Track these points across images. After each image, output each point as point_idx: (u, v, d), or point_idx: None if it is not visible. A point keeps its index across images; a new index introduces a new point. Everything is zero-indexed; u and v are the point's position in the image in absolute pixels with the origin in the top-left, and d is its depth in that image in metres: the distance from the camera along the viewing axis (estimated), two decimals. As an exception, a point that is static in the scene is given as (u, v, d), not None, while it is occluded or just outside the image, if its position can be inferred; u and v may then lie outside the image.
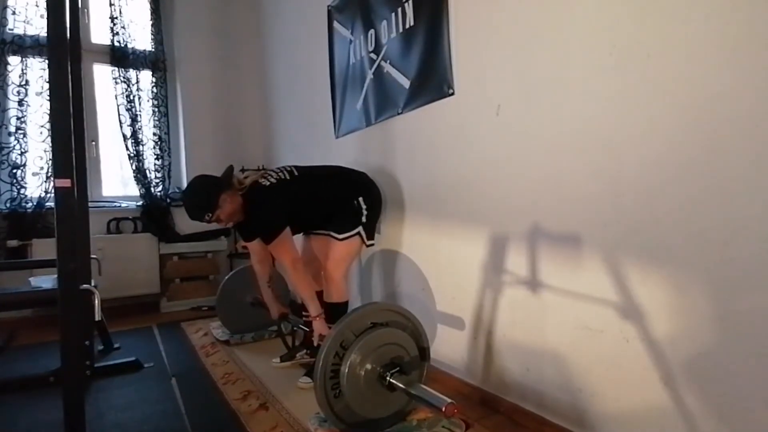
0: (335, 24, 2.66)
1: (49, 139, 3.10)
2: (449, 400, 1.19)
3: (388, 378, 1.34)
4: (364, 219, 1.97)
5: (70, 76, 1.40)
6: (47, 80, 1.37)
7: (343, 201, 2.00)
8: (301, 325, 2.04)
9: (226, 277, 2.65)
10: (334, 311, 1.93)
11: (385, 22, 2.18)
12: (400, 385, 1.32)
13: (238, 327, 2.61)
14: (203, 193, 1.87)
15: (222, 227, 2.05)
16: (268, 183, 1.93)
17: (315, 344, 1.83)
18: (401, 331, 1.43)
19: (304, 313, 2.13)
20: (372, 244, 2.04)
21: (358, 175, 2.13)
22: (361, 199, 2.00)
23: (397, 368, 1.35)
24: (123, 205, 3.53)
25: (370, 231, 2.01)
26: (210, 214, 1.84)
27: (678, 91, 1.09)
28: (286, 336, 2.18)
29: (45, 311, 2.99)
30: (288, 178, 1.96)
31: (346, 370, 1.31)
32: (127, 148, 3.47)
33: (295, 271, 1.85)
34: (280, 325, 2.20)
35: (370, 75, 2.33)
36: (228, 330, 2.61)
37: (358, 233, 1.96)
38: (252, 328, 2.62)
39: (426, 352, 1.49)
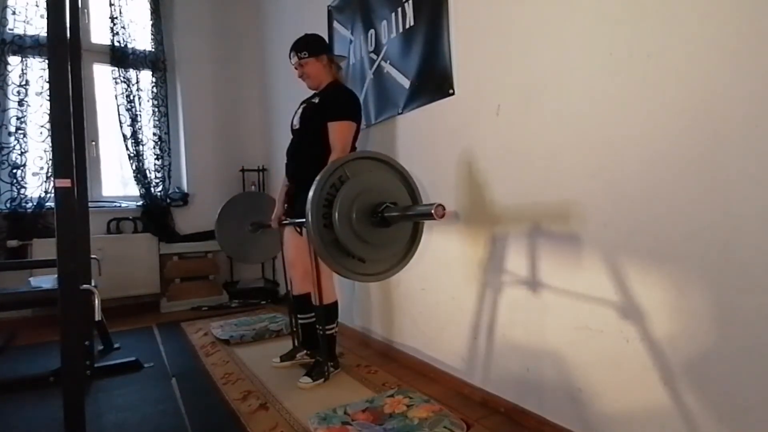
0: (335, 24, 2.66)
1: (49, 139, 3.11)
2: (437, 203, 1.19)
3: (380, 213, 1.31)
4: None
5: (70, 76, 1.40)
6: (47, 80, 1.37)
7: None
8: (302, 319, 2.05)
9: (223, 206, 2.61)
10: (326, 312, 1.96)
11: (385, 22, 2.18)
12: (394, 213, 1.30)
13: (241, 254, 2.71)
14: (320, 40, 2.10)
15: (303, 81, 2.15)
16: None
17: None
18: (395, 179, 1.42)
19: (300, 315, 2.15)
20: None
21: None
22: None
23: (393, 203, 1.34)
24: (123, 205, 3.53)
25: None
26: (307, 54, 2.03)
27: (678, 91, 1.09)
28: (290, 333, 2.18)
29: (45, 311, 2.99)
30: None
31: (337, 208, 1.28)
32: (127, 148, 3.47)
33: (343, 154, 1.89)
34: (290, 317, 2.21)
35: (370, 75, 2.33)
36: (229, 252, 2.73)
37: None
38: (255, 256, 2.74)
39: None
